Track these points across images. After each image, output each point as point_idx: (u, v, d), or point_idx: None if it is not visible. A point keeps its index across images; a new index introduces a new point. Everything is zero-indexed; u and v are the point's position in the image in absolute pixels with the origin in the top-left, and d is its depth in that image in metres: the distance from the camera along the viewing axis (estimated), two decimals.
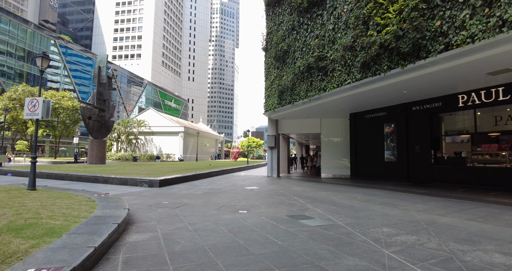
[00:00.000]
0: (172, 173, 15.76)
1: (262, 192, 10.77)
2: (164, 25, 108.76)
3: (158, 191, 10.75)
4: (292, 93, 13.64)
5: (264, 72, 17.15)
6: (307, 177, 17.98)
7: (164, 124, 44.13)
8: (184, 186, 12.30)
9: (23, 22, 53.41)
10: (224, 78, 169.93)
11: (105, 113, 24.42)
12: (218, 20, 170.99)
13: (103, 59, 24.77)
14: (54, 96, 33.26)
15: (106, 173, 14.93)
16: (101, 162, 23.89)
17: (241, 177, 17.66)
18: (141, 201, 8.21)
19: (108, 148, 42.77)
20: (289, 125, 18.51)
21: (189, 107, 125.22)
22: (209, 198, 9.02)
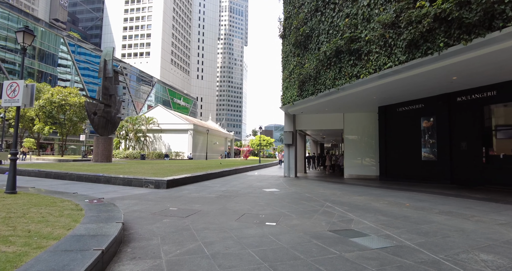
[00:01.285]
0: (181, 172, 14.37)
1: (285, 195, 9.23)
2: (173, 23, 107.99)
3: (165, 193, 9.34)
4: (315, 82, 12.04)
5: (281, 62, 15.59)
6: (328, 178, 16.37)
7: (173, 121, 42.94)
8: (195, 188, 10.87)
9: (34, 20, 53.03)
10: (233, 76, 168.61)
11: (111, 108, 23.25)
12: (227, 18, 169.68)
13: (109, 52, 23.59)
14: (61, 93, 32.39)
15: (110, 172, 13.64)
16: (107, 160, 22.74)
17: (255, 177, 16.16)
18: (144, 207, 6.78)
19: (116, 146, 41.88)
20: (307, 121, 16.91)
21: (198, 105, 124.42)
22: (225, 204, 7.54)
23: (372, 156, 15.56)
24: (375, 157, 15.33)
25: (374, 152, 15.32)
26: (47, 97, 31.12)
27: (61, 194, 6.54)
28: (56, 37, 56.80)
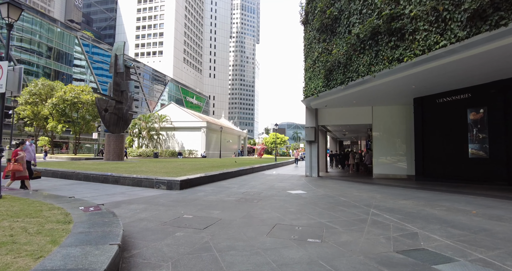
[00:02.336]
0: (195, 171, 13.27)
1: (316, 199, 7.92)
2: (185, 22, 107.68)
3: (178, 195, 8.21)
4: (345, 70, 10.64)
5: (303, 50, 14.22)
6: (355, 177, 14.93)
7: (186, 119, 42.14)
8: (211, 189, 9.70)
9: (50, 20, 53.31)
10: (245, 74, 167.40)
11: (122, 105, 22.45)
12: (239, 16, 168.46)
13: (120, 47, 22.78)
14: (73, 90, 31.99)
15: (120, 171, 12.66)
16: (119, 159, 21.96)
17: (275, 177, 14.90)
18: (153, 215, 5.64)
19: (129, 144, 41.43)
20: (331, 115, 15.49)
21: (210, 104, 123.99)
22: (248, 210, 6.32)
23: (405, 154, 14.03)
24: (408, 155, 13.80)
25: (408, 149, 13.79)
26: (59, 95, 30.77)
27: (55, 198, 5.47)
28: (72, 37, 57.02)
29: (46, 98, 32.27)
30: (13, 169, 7.75)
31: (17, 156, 7.95)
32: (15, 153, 7.99)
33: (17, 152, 8.01)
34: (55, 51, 53.28)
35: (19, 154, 8.02)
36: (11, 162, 7.85)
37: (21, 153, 8.07)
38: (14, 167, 7.75)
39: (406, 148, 14.07)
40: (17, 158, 7.90)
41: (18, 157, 7.94)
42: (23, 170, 7.88)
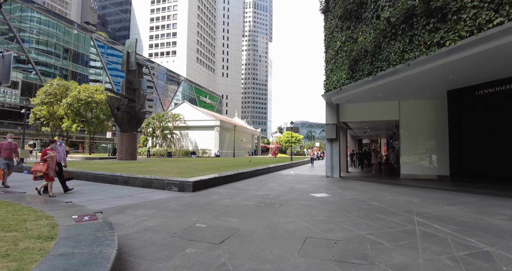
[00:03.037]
0: (209, 171, 12.52)
1: (346, 204, 6.97)
2: (198, 21, 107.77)
3: (190, 198, 7.44)
4: (374, 59, 9.59)
5: (323, 41, 13.22)
6: (380, 178, 13.81)
7: (199, 117, 41.67)
8: (226, 191, 8.89)
9: (67, 22, 54.02)
10: (258, 73, 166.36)
11: (135, 103, 22.02)
12: (251, 14, 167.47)
13: (132, 44, 22.35)
14: (87, 90, 32.01)
15: (130, 171, 12.07)
16: (132, 158, 21.55)
17: (293, 177, 13.97)
18: (161, 223, 4.86)
19: (143, 143, 41.38)
20: (354, 111, 14.41)
21: (223, 103, 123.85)
22: (270, 217, 5.45)
23: (435, 152, 12.82)
24: (440, 154, 12.60)
25: (439, 147, 12.58)
26: (74, 94, 30.83)
27: (49, 204, 4.78)
28: (88, 38, 57.64)
29: (61, 98, 32.44)
30: (35, 169, 7.20)
31: (46, 155, 7.27)
32: (44, 152, 7.35)
33: (46, 152, 7.35)
34: (71, 53, 53.97)
35: (48, 154, 7.30)
36: (39, 162, 7.28)
37: (50, 152, 7.36)
38: (37, 168, 7.13)
39: (436, 146, 12.86)
40: (46, 158, 7.22)
41: (47, 156, 7.25)
42: (45, 170, 7.12)
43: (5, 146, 8.54)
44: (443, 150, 12.47)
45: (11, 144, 8.67)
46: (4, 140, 8.81)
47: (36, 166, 7.21)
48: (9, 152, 8.59)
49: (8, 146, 8.59)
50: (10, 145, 8.62)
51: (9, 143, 8.63)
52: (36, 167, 7.18)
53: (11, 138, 8.82)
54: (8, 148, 8.56)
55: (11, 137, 8.85)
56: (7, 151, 8.54)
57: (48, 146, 7.72)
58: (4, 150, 8.48)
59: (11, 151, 8.65)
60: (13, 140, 8.85)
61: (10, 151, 8.60)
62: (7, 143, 8.62)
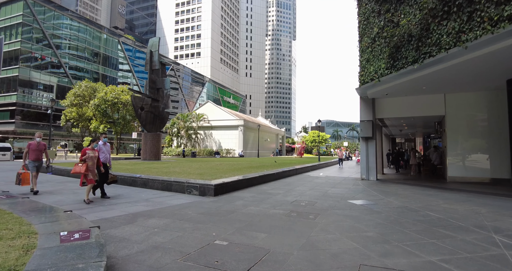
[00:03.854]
0: (232, 172, 11.69)
1: (396, 215, 5.79)
2: (222, 22, 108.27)
3: (211, 204, 6.59)
4: (420, 44, 8.26)
5: (358, 28, 11.95)
6: (422, 181, 12.29)
7: (223, 117, 41.25)
8: (251, 195, 7.96)
9: (97, 27, 55.94)
10: (281, 72, 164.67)
11: (158, 103, 21.77)
12: (274, 13, 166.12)
13: (155, 43, 22.13)
14: (114, 91, 32.57)
15: (151, 172, 11.51)
16: (156, 158, 21.30)
17: (324, 180, 12.80)
18: (173, 238, 4.01)
19: (168, 143, 41.64)
20: (392, 106, 12.98)
21: (247, 103, 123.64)
22: (307, 232, 4.44)
23: (488, 152, 11.13)
24: (494, 153, 10.90)
25: (496, 146, 10.89)
26: (101, 95, 31.45)
27: (43, 213, 4.10)
28: (116, 42, 59.38)
29: (89, 99, 33.24)
30: (74, 171, 6.55)
31: (85, 156, 6.60)
32: (84, 152, 6.68)
33: (85, 151, 6.68)
34: (101, 56, 55.77)
35: (87, 154, 6.63)
36: (78, 163, 6.62)
37: (89, 152, 6.68)
38: (76, 169, 6.51)
39: (491, 144, 11.17)
40: (85, 159, 6.57)
41: (86, 156, 6.58)
42: (85, 172, 6.52)
43: (33, 146, 7.75)
44: (499, 149, 10.80)
45: (39, 144, 7.86)
46: (32, 140, 8.03)
47: (75, 168, 6.55)
48: (38, 154, 7.80)
49: (37, 146, 7.78)
50: (38, 146, 7.82)
51: (37, 143, 7.82)
52: (75, 169, 6.53)
53: (40, 137, 7.96)
54: (37, 149, 7.77)
55: (40, 137, 7.97)
56: (36, 153, 7.75)
57: (89, 145, 7.01)
58: (32, 152, 7.71)
59: (40, 152, 7.86)
60: (42, 140, 8.05)
61: (38, 153, 7.81)
62: (36, 143, 7.79)
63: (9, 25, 41.75)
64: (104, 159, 7.44)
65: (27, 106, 41.33)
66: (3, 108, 40.75)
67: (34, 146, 7.75)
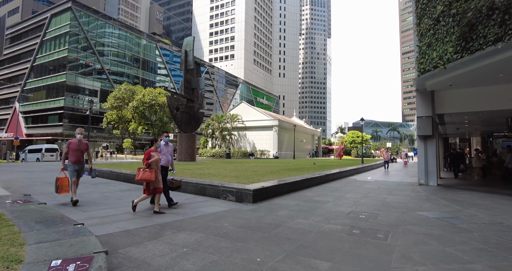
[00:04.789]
0: (270, 175, 10.66)
1: (496, 235, 4.36)
2: (255, 23, 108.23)
3: (250, 214, 5.60)
4: (507, 17, 6.59)
5: (414, 12, 10.34)
6: (497, 187, 10.30)
7: (257, 118, 40.47)
8: (295, 203, 6.86)
9: (137, 33, 58.33)
10: (315, 71, 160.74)
11: (193, 103, 21.45)
12: (308, 11, 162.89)
13: (189, 42, 21.87)
14: (151, 93, 33.26)
15: (185, 174, 10.85)
16: (191, 159, 20.96)
17: (375, 185, 11.29)
18: (205, 266, 3.05)
19: (203, 144, 41.79)
20: (456, 99, 11.11)
21: (280, 103, 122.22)
22: (386, 261, 3.25)
23: None
24: None
25: None
26: (139, 98, 32.24)
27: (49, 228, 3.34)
28: (154, 47, 61.48)
29: (128, 102, 34.26)
30: (142, 178, 5.34)
31: (150, 158, 5.49)
32: (148, 154, 5.53)
33: (150, 153, 5.55)
34: (141, 61, 57.94)
35: (152, 157, 5.53)
36: (142, 168, 5.48)
37: (154, 154, 5.58)
38: (144, 176, 5.33)
39: None
40: (150, 163, 5.46)
41: (151, 160, 5.47)
42: (155, 179, 5.43)
43: (74, 146, 6.29)
44: None
45: (81, 143, 6.39)
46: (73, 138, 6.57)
47: (143, 174, 5.35)
48: (79, 155, 6.34)
49: (78, 146, 6.33)
50: (79, 145, 6.36)
51: (78, 142, 6.37)
52: (144, 175, 5.33)
53: (81, 134, 6.44)
54: (78, 149, 6.31)
55: (81, 133, 6.45)
56: (76, 153, 6.28)
57: (152, 146, 5.85)
58: (73, 152, 6.26)
59: (82, 153, 6.41)
60: (83, 138, 6.54)
61: (79, 153, 6.35)
62: (76, 142, 6.34)
63: (58, 35, 44.73)
64: (165, 162, 6.20)
65: (73, 109, 43.91)
66: (53, 112, 43.71)
67: (74, 145, 6.31)
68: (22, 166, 18.02)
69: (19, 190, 7.97)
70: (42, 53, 47.02)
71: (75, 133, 6.59)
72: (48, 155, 27.09)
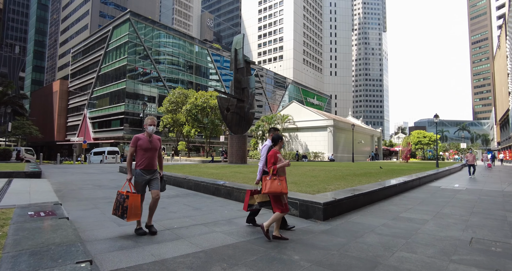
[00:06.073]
0: (335, 182, 8.96)
1: None
2: (304, 22, 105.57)
3: (326, 239, 4.09)
4: None
5: None
6: None
7: (309, 118, 38.40)
8: (382, 223, 5.14)
9: (190, 39, 60.70)
10: (370, 68, 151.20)
11: (244, 103, 20.57)
12: (361, 5, 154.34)
13: (239, 41, 21.07)
14: (203, 96, 33.56)
15: (237, 178, 9.75)
16: (242, 161, 20.06)
17: (473, 195, 8.86)
18: None
19: (254, 146, 41.08)
20: None
21: (332, 103, 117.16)
22: None
23: None
24: None
25: None
26: (192, 101, 32.72)
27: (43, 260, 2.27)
28: (206, 54, 63.28)
29: (182, 105, 35.05)
30: (272, 190, 3.88)
31: (277, 162, 4.09)
32: (274, 156, 4.10)
33: (276, 155, 4.12)
34: (194, 67, 59.97)
35: (280, 160, 4.15)
36: (268, 176, 4.00)
37: (281, 157, 4.23)
38: (274, 187, 3.89)
39: None
40: (278, 168, 4.06)
41: (281, 165, 4.09)
42: (286, 190, 3.97)
43: (145, 143, 4.16)
44: None
45: (152, 139, 4.24)
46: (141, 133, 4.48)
47: (272, 184, 3.90)
48: (152, 157, 4.18)
49: (149, 143, 4.18)
50: (152, 142, 4.21)
51: (150, 137, 4.23)
52: (274, 186, 3.88)
53: (153, 125, 4.25)
54: (150, 148, 4.17)
55: (153, 124, 4.26)
56: (148, 154, 4.14)
57: (275, 145, 4.35)
58: (143, 153, 4.13)
59: (155, 153, 4.23)
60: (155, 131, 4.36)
61: (152, 155, 4.18)
62: (147, 137, 4.20)
63: (119, 45, 48.28)
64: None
65: (133, 114, 46.81)
66: (115, 117, 47.17)
67: (145, 143, 4.15)
68: (85, 168, 18.88)
69: (67, 194, 7.58)
70: (105, 63, 51.27)
71: (145, 123, 4.27)
72: (110, 157, 28.76)
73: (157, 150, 4.28)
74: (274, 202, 4.08)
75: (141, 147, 4.14)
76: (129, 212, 3.82)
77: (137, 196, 3.95)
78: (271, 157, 4.15)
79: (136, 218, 3.91)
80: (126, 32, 47.03)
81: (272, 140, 4.50)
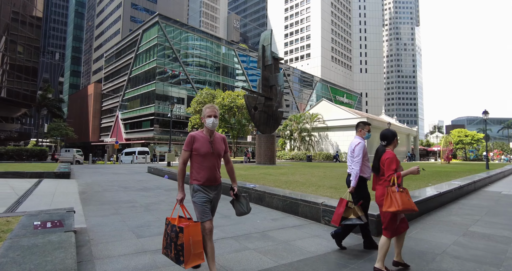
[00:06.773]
0: None
1: None
2: (332, 18, 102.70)
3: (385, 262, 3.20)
4: None
5: None
6: None
7: (340, 116, 36.75)
8: (452, 240, 4.16)
9: (217, 40, 61.19)
10: (402, 64, 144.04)
11: (272, 102, 19.80)
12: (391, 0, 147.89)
13: (267, 37, 20.33)
14: (230, 96, 33.26)
15: (267, 180, 9.03)
16: (270, 162, 19.29)
17: None
18: None
19: (282, 146, 40.16)
20: None
21: (362, 101, 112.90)
22: None
23: None
24: None
25: None
26: (219, 101, 32.54)
27: None
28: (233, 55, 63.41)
29: None
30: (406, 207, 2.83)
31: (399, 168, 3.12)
32: (394, 159, 3.14)
33: (396, 158, 3.20)
34: (221, 67, 60.28)
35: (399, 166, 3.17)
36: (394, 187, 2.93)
37: None
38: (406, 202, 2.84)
39: None
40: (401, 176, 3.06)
41: (406, 172, 3.09)
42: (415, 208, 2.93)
43: (204, 146, 2.84)
44: None
45: (215, 139, 2.94)
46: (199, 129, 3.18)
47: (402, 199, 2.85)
48: (215, 165, 2.89)
49: (210, 145, 2.85)
50: (214, 144, 2.89)
51: (210, 137, 2.91)
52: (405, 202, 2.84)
53: (215, 116, 2.92)
54: (211, 153, 2.86)
55: (215, 114, 2.93)
56: (209, 162, 2.85)
57: (388, 144, 3.35)
58: (202, 160, 2.83)
59: (218, 160, 2.97)
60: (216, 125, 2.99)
61: (215, 162, 2.90)
62: (207, 137, 2.89)
63: (148, 47, 49.51)
64: (368, 173, 3.96)
65: (163, 115, 47.73)
66: (145, 118, 48.37)
67: (204, 145, 2.85)
68: (116, 168, 19.11)
69: (90, 197, 7.27)
70: (136, 66, 52.83)
71: (203, 114, 2.98)
72: (141, 157, 29.30)
73: (221, 156, 2.99)
74: (388, 221, 3.01)
75: (198, 151, 2.80)
76: (187, 253, 2.46)
77: (196, 229, 2.58)
78: (391, 161, 3.06)
79: (198, 260, 2.55)
80: (155, 35, 48.09)
81: (384, 138, 3.34)
